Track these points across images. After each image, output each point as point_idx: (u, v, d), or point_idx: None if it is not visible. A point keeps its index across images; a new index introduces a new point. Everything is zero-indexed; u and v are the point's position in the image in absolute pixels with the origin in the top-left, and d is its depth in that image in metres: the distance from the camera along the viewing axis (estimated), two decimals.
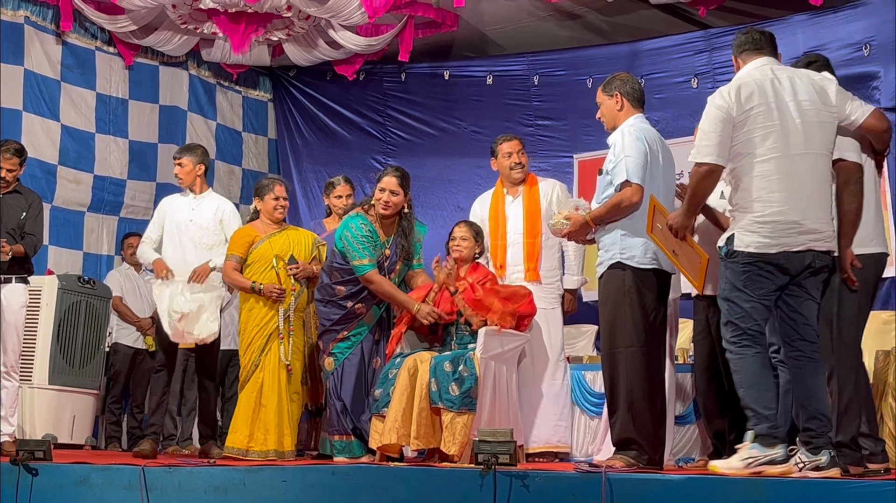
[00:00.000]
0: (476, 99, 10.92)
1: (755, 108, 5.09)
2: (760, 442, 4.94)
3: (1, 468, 6.00)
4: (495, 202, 7.43)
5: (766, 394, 5.00)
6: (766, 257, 5.01)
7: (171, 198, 7.96)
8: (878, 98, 8.82)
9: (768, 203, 5.02)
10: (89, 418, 9.35)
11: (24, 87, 9.66)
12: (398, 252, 6.95)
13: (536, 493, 4.78)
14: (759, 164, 5.05)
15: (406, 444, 6.40)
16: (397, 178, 6.88)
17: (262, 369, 7.04)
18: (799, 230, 5.02)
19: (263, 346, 7.06)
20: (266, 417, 6.97)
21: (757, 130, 5.07)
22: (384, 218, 6.91)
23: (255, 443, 6.93)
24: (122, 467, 5.82)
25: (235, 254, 7.24)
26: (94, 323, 9.33)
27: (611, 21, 10.21)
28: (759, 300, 5.04)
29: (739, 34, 5.44)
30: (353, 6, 9.40)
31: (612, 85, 6.08)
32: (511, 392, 6.67)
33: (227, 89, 11.53)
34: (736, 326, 5.04)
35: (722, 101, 5.12)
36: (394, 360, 6.72)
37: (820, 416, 5.01)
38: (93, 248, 10.27)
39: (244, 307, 7.22)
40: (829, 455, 4.90)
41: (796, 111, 5.11)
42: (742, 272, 5.03)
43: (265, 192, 7.38)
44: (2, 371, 7.49)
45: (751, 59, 5.32)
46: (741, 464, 4.90)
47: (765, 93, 5.13)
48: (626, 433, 5.71)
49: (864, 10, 8.93)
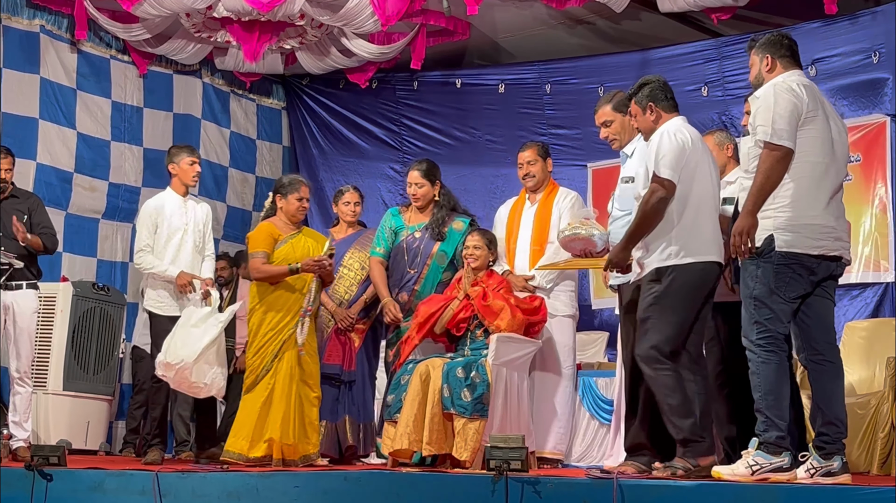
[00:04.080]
0: (489, 108, 10.91)
1: (816, 112, 5.15)
2: (766, 449, 4.94)
3: (16, 473, 6.01)
4: (514, 207, 7.43)
5: (782, 404, 5.02)
6: (803, 259, 5.04)
7: (157, 199, 7.85)
8: (886, 103, 8.82)
9: (813, 206, 5.06)
10: (103, 424, 9.38)
11: (40, 95, 9.69)
12: (429, 234, 7.28)
13: (548, 499, 4.77)
14: (811, 167, 5.09)
15: (418, 450, 6.39)
16: (419, 172, 7.31)
17: (273, 374, 6.79)
18: (834, 236, 5.11)
19: (277, 352, 6.82)
20: (273, 425, 6.72)
21: (816, 133, 5.12)
22: (419, 209, 7.35)
23: (256, 450, 6.70)
24: (135, 473, 5.84)
25: (263, 251, 6.92)
26: (109, 329, 9.37)
27: (621, 29, 10.20)
28: (789, 302, 5.06)
29: (775, 36, 5.44)
30: (366, 14, 9.41)
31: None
32: (522, 398, 6.66)
33: (240, 97, 11.54)
34: (764, 328, 5.04)
35: (794, 93, 5.12)
36: (406, 366, 6.72)
37: (837, 422, 5.02)
38: (107, 255, 10.28)
39: (258, 310, 6.94)
40: (842, 460, 4.90)
41: (836, 128, 5.25)
42: (775, 272, 5.04)
43: (290, 191, 7.04)
44: (15, 377, 7.50)
45: (792, 67, 5.35)
46: (746, 470, 4.90)
47: (822, 102, 5.23)
48: (638, 439, 5.71)
49: (874, 18, 8.94)
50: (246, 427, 6.76)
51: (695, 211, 5.53)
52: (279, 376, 6.80)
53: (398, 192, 11.18)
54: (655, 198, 5.47)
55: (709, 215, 5.59)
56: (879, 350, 8.11)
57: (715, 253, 5.55)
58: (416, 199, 7.32)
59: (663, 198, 5.46)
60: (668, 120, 5.75)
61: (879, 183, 8.81)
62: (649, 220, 5.51)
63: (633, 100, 5.88)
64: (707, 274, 5.51)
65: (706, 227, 5.55)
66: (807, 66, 9.14)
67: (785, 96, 5.11)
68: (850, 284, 8.84)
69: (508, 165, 9.87)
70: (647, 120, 5.80)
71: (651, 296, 5.53)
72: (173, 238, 7.66)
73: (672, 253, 5.51)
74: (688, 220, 5.52)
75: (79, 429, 9.00)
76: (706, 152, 5.73)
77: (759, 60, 5.39)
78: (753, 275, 5.09)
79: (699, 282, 5.49)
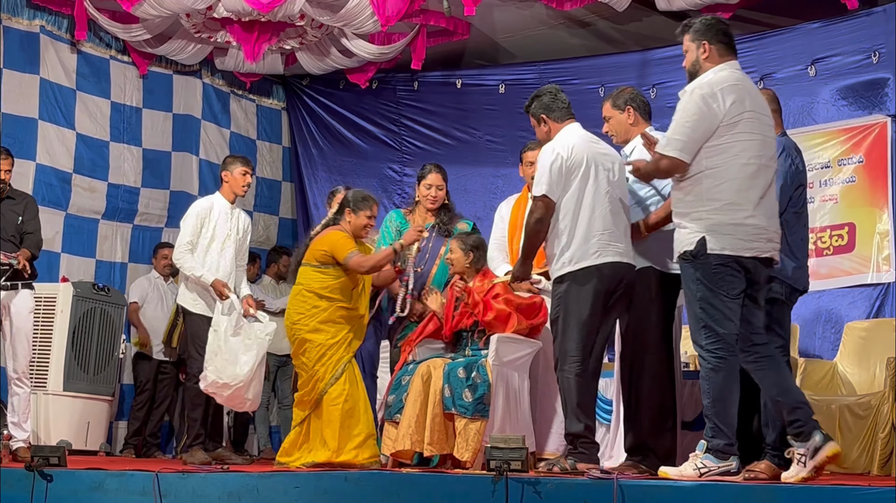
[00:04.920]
0: (489, 108, 10.89)
1: (742, 115, 5.12)
2: (714, 454, 5.01)
3: (16, 474, 6.01)
4: (517, 207, 7.44)
5: (730, 411, 5.09)
6: (740, 259, 5.05)
7: (206, 201, 7.97)
8: (887, 104, 8.82)
9: (743, 207, 5.06)
10: (103, 424, 9.38)
11: (39, 96, 9.69)
12: (436, 233, 7.38)
13: (548, 499, 4.77)
14: (740, 169, 5.09)
15: (419, 450, 6.39)
16: (441, 174, 7.48)
17: (346, 381, 6.69)
18: (766, 237, 5.13)
19: (345, 359, 6.74)
20: (357, 429, 6.64)
21: (744, 135, 5.11)
22: (429, 211, 7.45)
23: (346, 454, 6.58)
24: (136, 473, 5.83)
25: (354, 249, 6.77)
26: (109, 330, 9.38)
27: (621, 29, 10.20)
28: (734, 299, 5.07)
29: (710, 20, 5.41)
30: (366, 15, 9.41)
31: (621, 99, 6.07)
32: (523, 398, 6.66)
33: (240, 97, 11.53)
34: (713, 332, 5.06)
35: (712, 102, 5.11)
36: (406, 367, 6.74)
37: (801, 405, 5.02)
38: (106, 256, 10.27)
39: (310, 325, 6.78)
40: (821, 434, 4.91)
41: (767, 124, 5.24)
42: (714, 272, 5.05)
43: (362, 208, 6.91)
44: (13, 377, 7.49)
45: (727, 54, 5.32)
46: (694, 472, 4.97)
47: (755, 100, 5.22)
48: (639, 439, 5.72)
49: (874, 19, 8.92)
50: (330, 437, 6.65)
51: (586, 217, 5.68)
52: (350, 383, 6.74)
53: (397, 192, 11.19)
54: (533, 218, 5.77)
55: (603, 217, 5.69)
56: (880, 350, 8.12)
57: (610, 254, 5.65)
58: (435, 201, 7.43)
59: (540, 217, 5.73)
60: (560, 130, 5.93)
61: (880, 183, 8.81)
62: (533, 236, 5.83)
63: (528, 113, 6.07)
64: (603, 275, 5.63)
65: (598, 230, 5.66)
66: (807, 66, 9.21)
67: (697, 105, 5.12)
68: (850, 286, 8.86)
69: (508, 165, 9.90)
70: (541, 131, 6.02)
71: (556, 300, 5.75)
72: (215, 242, 7.76)
73: (566, 261, 5.72)
74: (578, 228, 5.69)
75: (79, 429, 9.00)
76: (598, 155, 5.80)
77: (695, 47, 5.34)
78: (693, 277, 5.11)
79: (596, 284, 5.63)
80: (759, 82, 9.13)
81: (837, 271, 8.53)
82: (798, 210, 5.60)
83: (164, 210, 10.68)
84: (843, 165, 8.98)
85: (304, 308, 6.81)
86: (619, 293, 5.72)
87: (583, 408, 5.65)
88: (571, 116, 5.98)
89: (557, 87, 6.08)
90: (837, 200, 8.86)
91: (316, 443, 6.70)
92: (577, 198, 5.70)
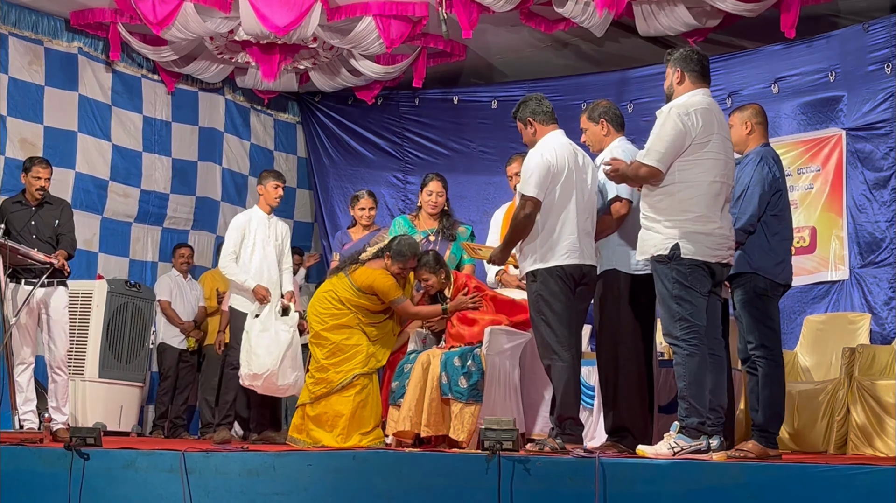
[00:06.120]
0: (483, 122, 10.86)
1: (711, 136, 5.18)
2: (686, 433, 5.03)
3: (56, 453, 6.00)
4: (508, 212, 7.43)
5: (703, 393, 5.11)
6: (708, 263, 5.15)
7: (245, 214, 7.99)
8: (842, 118, 8.81)
9: (712, 219, 5.14)
10: (135, 408, 9.38)
11: (78, 111, 9.72)
12: (441, 236, 7.37)
13: (537, 476, 4.75)
14: (709, 185, 5.16)
15: (419, 431, 6.37)
16: (442, 182, 7.49)
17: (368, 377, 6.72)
18: (727, 245, 5.23)
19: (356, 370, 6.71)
20: (366, 420, 6.69)
21: (713, 154, 5.18)
22: (430, 216, 7.42)
23: (353, 440, 6.59)
24: (164, 452, 5.81)
25: (402, 295, 6.72)
26: (140, 322, 9.40)
27: (602, 51, 10.17)
28: (703, 296, 5.16)
29: (688, 52, 5.44)
30: (373, 38, 9.39)
31: (596, 112, 6.04)
32: (514, 385, 6.63)
33: (259, 112, 11.51)
34: (688, 323, 5.10)
35: (687, 120, 5.16)
36: (408, 356, 6.74)
37: (719, 409, 5.18)
38: (139, 256, 10.27)
39: (338, 326, 6.79)
40: (720, 440, 5.07)
41: (729, 147, 5.33)
42: (688, 272, 5.12)
43: (399, 261, 6.70)
44: (53, 366, 7.50)
45: (700, 82, 5.37)
46: (668, 451, 4.99)
47: (722, 125, 5.30)
48: (618, 422, 5.71)
49: (831, 41, 8.94)
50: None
51: (560, 220, 5.67)
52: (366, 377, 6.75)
53: (400, 198, 11.18)
54: (523, 214, 5.71)
55: (576, 221, 5.68)
56: (836, 341, 8.12)
57: (576, 256, 5.66)
58: (436, 206, 7.43)
59: (529, 214, 5.69)
60: (545, 133, 5.91)
61: (836, 190, 8.79)
62: (519, 231, 5.78)
63: (516, 118, 6.04)
64: (566, 273, 5.65)
65: (570, 233, 5.66)
66: (770, 84, 9.18)
67: (674, 122, 5.16)
68: (811, 283, 8.84)
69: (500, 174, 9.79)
70: (528, 134, 5.98)
71: (532, 295, 5.75)
72: (257, 250, 7.77)
73: (537, 258, 5.72)
74: (550, 229, 5.68)
75: (113, 412, 9.00)
76: (577, 163, 5.79)
77: (672, 73, 5.41)
78: (668, 276, 5.15)
79: (561, 280, 5.65)
80: (728, 98, 9.14)
81: (801, 270, 8.49)
82: (777, 213, 5.59)
83: (191, 214, 10.67)
84: (803, 174, 8.97)
85: (324, 307, 6.84)
86: (583, 285, 5.74)
87: (574, 393, 5.64)
88: (555, 122, 5.97)
89: (542, 95, 6.08)
90: (797, 205, 8.83)
91: (325, 426, 6.69)
92: (556, 201, 5.69)
